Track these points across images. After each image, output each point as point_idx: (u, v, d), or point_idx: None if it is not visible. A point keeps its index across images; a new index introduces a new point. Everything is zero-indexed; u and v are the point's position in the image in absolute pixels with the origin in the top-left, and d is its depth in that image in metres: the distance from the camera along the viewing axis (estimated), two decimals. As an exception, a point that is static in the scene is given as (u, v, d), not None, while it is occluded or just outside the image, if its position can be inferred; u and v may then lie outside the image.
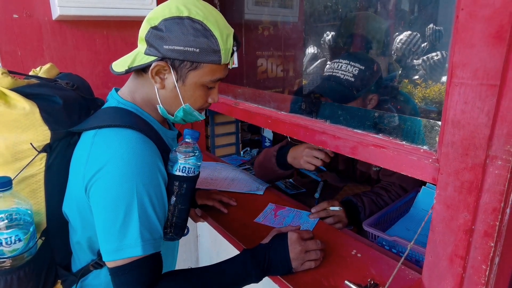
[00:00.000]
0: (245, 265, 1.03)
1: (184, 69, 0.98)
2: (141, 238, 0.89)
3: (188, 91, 1.02)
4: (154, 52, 0.96)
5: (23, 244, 0.91)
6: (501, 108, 0.72)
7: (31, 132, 0.94)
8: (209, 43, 0.95)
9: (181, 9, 0.94)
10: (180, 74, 0.98)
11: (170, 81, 1.00)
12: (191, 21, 0.94)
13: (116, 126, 0.94)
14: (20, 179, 0.95)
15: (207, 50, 0.96)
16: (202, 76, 1.00)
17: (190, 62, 0.96)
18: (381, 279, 1.08)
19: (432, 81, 1.62)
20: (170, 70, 0.98)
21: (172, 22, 0.94)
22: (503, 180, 0.75)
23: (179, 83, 1.00)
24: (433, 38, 1.65)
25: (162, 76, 0.99)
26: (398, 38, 1.70)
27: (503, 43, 0.69)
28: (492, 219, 0.78)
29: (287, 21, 2.25)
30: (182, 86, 1.01)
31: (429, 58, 1.69)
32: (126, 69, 0.98)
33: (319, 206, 1.47)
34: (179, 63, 0.97)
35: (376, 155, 1.04)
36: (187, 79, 0.99)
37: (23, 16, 1.64)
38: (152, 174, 0.93)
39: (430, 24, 1.59)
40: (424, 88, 1.62)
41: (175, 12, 0.94)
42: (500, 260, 0.83)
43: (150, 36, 0.96)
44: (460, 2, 0.74)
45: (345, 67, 1.47)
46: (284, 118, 1.40)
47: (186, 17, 0.94)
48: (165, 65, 0.97)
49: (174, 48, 0.94)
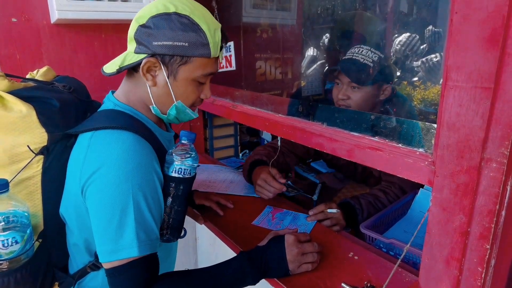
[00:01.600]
0: (242, 267, 1.04)
1: (175, 64, 0.99)
2: (137, 239, 0.90)
3: (180, 87, 1.02)
4: (143, 50, 0.97)
5: (20, 246, 0.92)
6: (495, 111, 0.72)
7: (28, 135, 0.95)
8: (198, 37, 0.97)
9: (167, 6, 0.96)
10: (171, 69, 0.99)
11: (162, 78, 1.01)
12: (178, 16, 0.95)
13: (112, 128, 0.95)
14: (17, 182, 0.96)
15: (196, 44, 0.97)
16: (193, 71, 1.01)
17: (180, 56, 0.98)
18: (378, 281, 1.08)
19: (431, 83, 1.62)
20: (160, 66, 0.99)
21: (160, 19, 0.95)
22: (498, 182, 0.75)
23: (171, 79, 1.01)
24: (432, 40, 1.66)
25: (153, 73, 1.00)
26: (397, 40, 1.70)
27: (497, 46, 0.69)
28: (488, 221, 0.78)
29: (285, 23, 2.25)
30: (174, 82, 1.01)
31: (428, 60, 1.69)
32: (117, 69, 0.99)
33: (317, 209, 1.47)
34: (169, 58, 0.98)
35: (372, 158, 1.04)
36: (178, 74, 1.00)
37: (21, 20, 1.65)
38: (148, 176, 0.94)
39: (429, 25, 1.59)
40: (423, 90, 1.62)
41: (162, 9, 0.96)
42: (496, 262, 0.83)
43: (139, 34, 0.97)
44: (454, 5, 0.74)
45: (366, 52, 1.50)
46: (281, 120, 1.41)
47: (173, 13, 0.95)
48: (155, 61, 0.98)
49: (163, 44, 0.95)
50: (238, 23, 2.14)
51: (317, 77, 2.01)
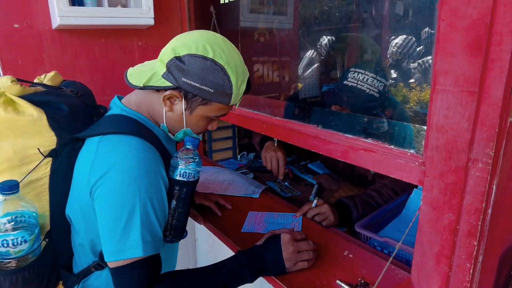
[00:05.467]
0: (240, 266, 1.07)
1: (195, 103, 1.04)
2: (142, 240, 0.93)
3: (193, 119, 1.08)
4: (171, 80, 1.00)
5: (29, 246, 0.95)
6: (480, 113, 0.76)
7: (38, 138, 0.98)
8: (224, 87, 1.01)
9: (207, 49, 0.99)
10: (190, 105, 1.04)
11: (179, 108, 1.05)
12: (214, 64, 0.99)
13: (121, 133, 0.98)
14: (26, 183, 0.99)
15: (221, 92, 1.02)
16: (209, 112, 1.06)
17: (202, 98, 1.02)
18: (372, 278, 1.11)
19: (426, 85, 1.64)
20: (181, 99, 1.03)
21: (196, 60, 0.98)
22: (484, 182, 0.78)
23: (187, 112, 1.06)
24: (428, 42, 1.68)
25: (173, 101, 1.05)
26: (394, 42, 1.72)
27: (481, 52, 0.73)
28: (475, 219, 0.81)
29: (282, 27, 2.28)
30: (189, 115, 1.06)
31: (424, 62, 1.71)
32: (141, 86, 1.03)
33: (302, 210, 1.53)
34: (191, 96, 1.02)
35: (366, 159, 1.07)
36: (195, 111, 1.05)
37: (23, 26, 1.67)
38: (154, 179, 0.97)
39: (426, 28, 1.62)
40: (419, 91, 1.64)
41: (202, 51, 0.99)
42: (484, 258, 0.86)
43: (171, 64, 1.00)
44: (441, 13, 0.78)
45: (371, 81, 1.48)
46: (278, 123, 1.44)
47: (211, 59, 0.99)
48: (178, 94, 1.02)
49: (191, 83, 0.99)
50: (236, 27, 2.17)
51: (313, 80, 2.04)
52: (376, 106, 1.48)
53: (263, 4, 2.24)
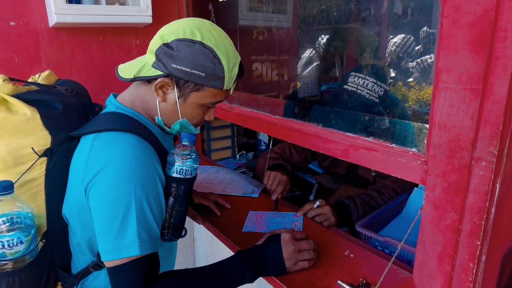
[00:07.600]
0: (240, 265, 1.06)
1: (187, 89, 1.01)
2: (138, 238, 0.92)
3: (188, 108, 1.05)
4: (161, 68, 0.99)
5: (25, 247, 0.93)
6: (484, 111, 0.75)
7: (32, 137, 0.97)
8: (215, 70, 0.99)
9: (195, 33, 0.98)
10: (183, 92, 1.02)
11: (172, 97, 1.03)
12: (202, 46, 0.97)
13: (115, 130, 0.97)
14: (21, 183, 0.97)
15: (212, 76, 0.99)
16: (203, 98, 1.04)
17: (194, 83, 1.00)
18: (373, 278, 1.10)
19: (425, 84, 1.64)
20: (173, 86, 1.01)
21: (184, 44, 0.97)
22: (487, 180, 0.77)
23: (180, 100, 1.04)
24: (427, 41, 1.67)
25: (165, 90, 1.03)
26: (392, 41, 1.72)
27: (484, 49, 0.72)
28: (478, 218, 0.80)
29: (281, 26, 2.27)
30: (183, 103, 1.04)
31: (423, 61, 1.71)
32: (131, 78, 1.01)
33: (303, 210, 1.52)
34: (183, 82, 1.00)
35: (367, 158, 1.06)
36: (189, 98, 1.03)
37: (20, 24, 1.66)
38: (150, 176, 0.96)
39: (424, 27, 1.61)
40: (418, 90, 1.64)
41: (189, 34, 0.97)
42: (487, 258, 0.85)
43: (160, 51, 0.99)
44: (444, 10, 0.77)
45: (372, 86, 1.46)
46: (278, 122, 1.43)
47: (199, 42, 0.97)
48: (169, 82, 1.00)
49: (181, 69, 0.97)
50: (235, 26, 2.16)
51: (313, 79, 2.03)
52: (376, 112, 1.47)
53: (262, 3, 2.23)
